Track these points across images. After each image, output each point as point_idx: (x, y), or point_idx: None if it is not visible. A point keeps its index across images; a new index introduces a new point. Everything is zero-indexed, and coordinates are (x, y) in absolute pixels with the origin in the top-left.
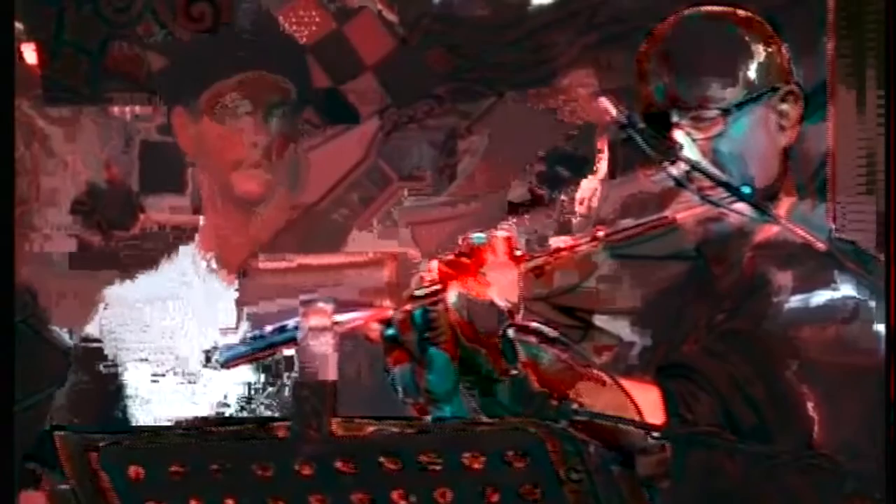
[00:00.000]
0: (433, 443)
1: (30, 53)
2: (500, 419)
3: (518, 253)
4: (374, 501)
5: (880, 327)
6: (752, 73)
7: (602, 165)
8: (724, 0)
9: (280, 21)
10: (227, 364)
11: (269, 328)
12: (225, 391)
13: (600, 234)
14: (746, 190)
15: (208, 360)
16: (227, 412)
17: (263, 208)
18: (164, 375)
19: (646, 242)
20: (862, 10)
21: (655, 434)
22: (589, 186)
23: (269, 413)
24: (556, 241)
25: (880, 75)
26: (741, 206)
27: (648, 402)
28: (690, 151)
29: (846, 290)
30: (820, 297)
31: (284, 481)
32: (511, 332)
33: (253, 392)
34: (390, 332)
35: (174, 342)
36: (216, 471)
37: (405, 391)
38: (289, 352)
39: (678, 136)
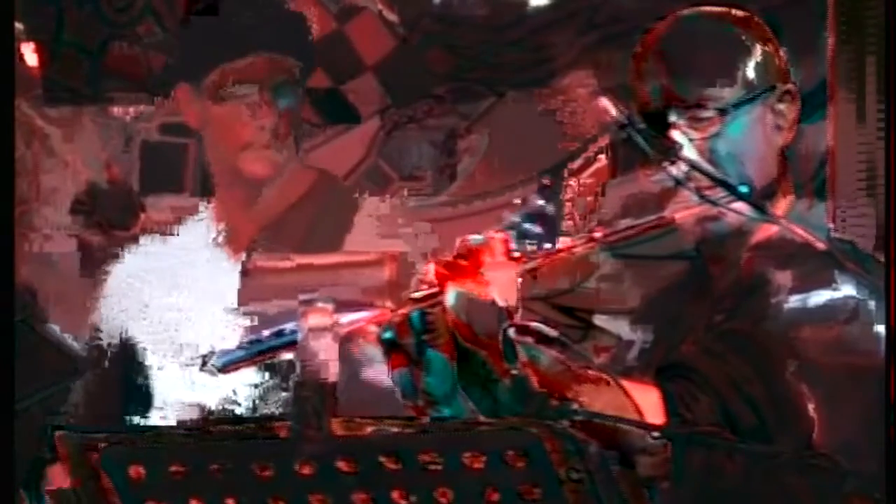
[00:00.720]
0: (433, 443)
1: (30, 53)
2: (500, 419)
3: (516, 254)
4: (375, 501)
5: (880, 327)
6: (749, 72)
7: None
8: (724, 0)
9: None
10: (225, 369)
11: (266, 332)
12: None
13: (598, 234)
14: (744, 189)
15: (205, 364)
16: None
17: (271, 189)
18: (165, 355)
19: (645, 243)
20: (862, 11)
21: (655, 434)
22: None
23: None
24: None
25: (880, 76)
26: (740, 205)
27: (648, 402)
28: (688, 151)
29: (846, 290)
30: (819, 297)
31: (285, 481)
32: (511, 332)
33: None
34: (388, 335)
35: (184, 319)
36: (217, 471)
37: (404, 394)
38: (287, 355)
39: (676, 135)
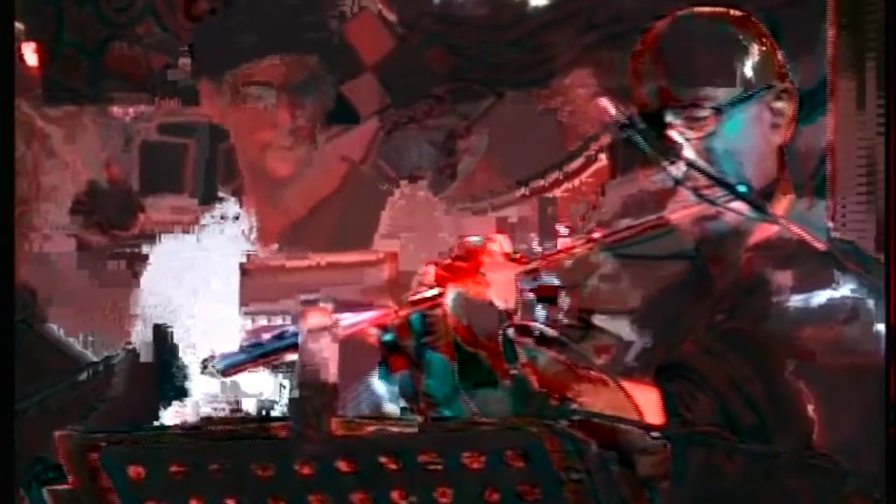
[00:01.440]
0: (433, 443)
1: (30, 53)
2: (500, 419)
3: (515, 255)
4: (375, 501)
5: (880, 327)
6: (745, 71)
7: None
8: (724, 0)
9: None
10: (226, 372)
11: (267, 335)
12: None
13: (597, 235)
14: (742, 188)
15: (206, 367)
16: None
17: (296, 186)
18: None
19: (644, 243)
20: (862, 10)
21: (655, 434)
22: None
23: None
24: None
25: (880, 74)
26: (738, 204)
27: (648, 402)
28: (687, 151)
29: (846, 289)
30: (819, 296)
31: (285, 481)
32: (511, 333)
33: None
34: (388, 337)
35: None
36: (216, 471)
37: (404, 396)
38: (291, 357)
39: (673, 135)
